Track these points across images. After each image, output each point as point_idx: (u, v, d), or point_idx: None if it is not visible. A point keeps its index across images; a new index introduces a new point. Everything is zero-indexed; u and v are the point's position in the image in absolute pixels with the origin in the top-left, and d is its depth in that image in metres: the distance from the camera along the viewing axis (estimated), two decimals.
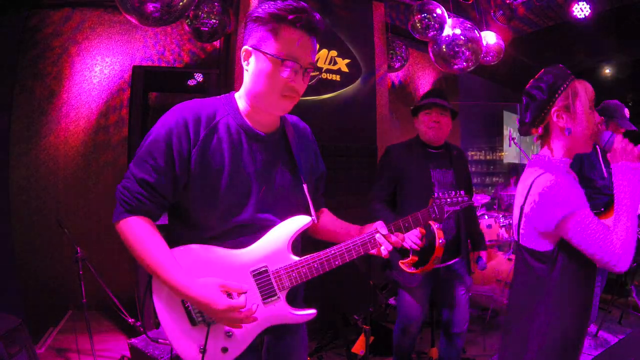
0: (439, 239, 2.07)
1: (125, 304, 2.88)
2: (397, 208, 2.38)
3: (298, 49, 1.11)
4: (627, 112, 2.49)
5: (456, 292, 2.41)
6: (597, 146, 2.35)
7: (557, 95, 1.31)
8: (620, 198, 1.23)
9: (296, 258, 1.19)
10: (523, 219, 1.34)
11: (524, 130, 1.42)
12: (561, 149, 1.34)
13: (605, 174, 2.46)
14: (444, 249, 2.07)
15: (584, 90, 1.31)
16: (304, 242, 1.35)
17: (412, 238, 1.82)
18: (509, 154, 7.43)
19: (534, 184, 1.29)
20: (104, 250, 3.64)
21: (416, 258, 2.09)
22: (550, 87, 1.32)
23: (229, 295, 1.09)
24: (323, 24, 1.15)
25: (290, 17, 1.09)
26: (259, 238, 1.17)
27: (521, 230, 1.36)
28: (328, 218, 1.44)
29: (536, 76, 1.38)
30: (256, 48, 1.12)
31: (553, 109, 1.32)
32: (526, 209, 1.32)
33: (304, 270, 1.17)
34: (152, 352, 2.20)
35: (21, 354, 2.14)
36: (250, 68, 1.14)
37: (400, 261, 2.16)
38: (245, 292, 1.10)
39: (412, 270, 2.18)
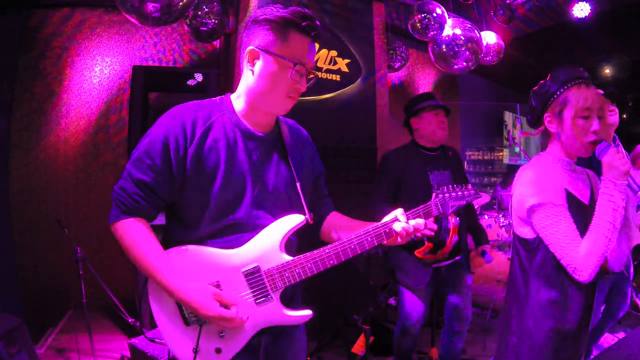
0: (454, 235, 2.21)
1: (125, 304, 2.88)
2: None
3: (306, 53, 1.16)
4: None
5: (458, 291, 2.42)
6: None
7: (549, 103, 1.39)
8: (600, 212, 1.25)
9: (289, 258, 1.17)
10: (512, 208, 1.43)
11: (530, 127, 1.52)
12: (557, 150, 1.41)
13: None
14: (452, 247, 2.21)
15: (576, 99, 1.32)
16: (303, 242, 1.34)
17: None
18: (509, 154, 7.44)
19: (518, 175, 1.41)
20: (104, 250, 3.64)
21: (431, 245, 2.20)
22: (544, 95, 1.40)
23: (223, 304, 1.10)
24: (322, 30, 1.20)
25: (304, 24, 1.13)
26: (253, 237, 1.17)
27: (513, 219, 1.44)
28: (338, 221, 1.40)
29: (546, 78, 1.44)
30: (265, 50, 1.13)
31: (545, 115, 1.41)
32: (512, 198, 1.41)
33: (297, 270, 1.16)
34: (152, 352, 2.21)
35: (21, 354, 2.14)
36: (257, 69, 1.15)
37: (417, 250, 2.22)
38: (236, 304, 1.11)
39: (429, 257, 2.25)
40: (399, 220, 1.19)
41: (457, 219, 2.25)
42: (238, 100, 1.21)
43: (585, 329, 1.37)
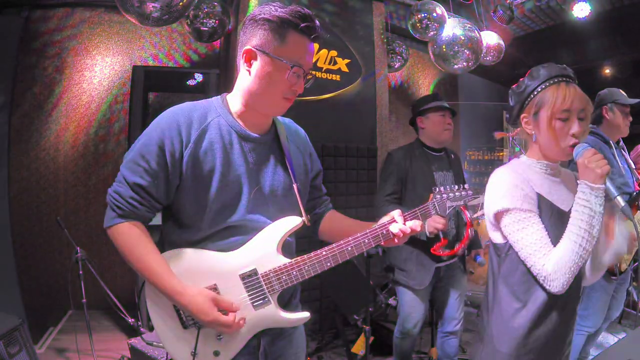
0: (469, 227, 2.29)
1: (125, 304, 2.88)
2: None
3: (304, 55, 1.14)
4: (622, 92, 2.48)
5: (454, 291, 2.44)
6: (612, 141, 2.34)
7: (525, 103, 1.30)
8: (574, 218, 1.16)
9: (286, 260, 1.16)
10: (485, 211, 1.35)
11: (510, 126, 1.44)
12: (536, 152, 1.32)
13: (624, 170, 2.39)
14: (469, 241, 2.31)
15: (554, 99, 1.22)
16: (303, 242, 1.34)
17: (435, 222, 2.07)
18: (509, 153, 7.42)
19: (490, 177, 1.32)
20: (104, 250, 3.64)
21: (446, 240, 2.25)
22: (520, 95, 1.31)
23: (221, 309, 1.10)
24: (322, 30, 1.17)
25: (302, 25, 1.10)
26: (250, 239, 1.16)
27: (486, 222, 1.36)
28: (336, 220, 1.40)
29: (525, 74, 1.35)
30: (262, 50, 1.12)
31: (522, 115, 1.32)
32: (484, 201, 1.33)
33: (294, 273, 1.15)
34: (152, 353, 2.21)
35: (21, 354, 2.14)
36: (254, 69, 1.13)
37: (432, 248, 2.26)
38: (235, 311, 1.10)
39: (446, 253, 2.30)
40: (396, 221, 1.18)
41: (473, 230, 2.35)
42: (234, 100, 1.20)
43: (558, 340, 1.28)
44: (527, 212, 1.21)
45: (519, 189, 1.23)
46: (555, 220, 1.23)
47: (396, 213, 1.20)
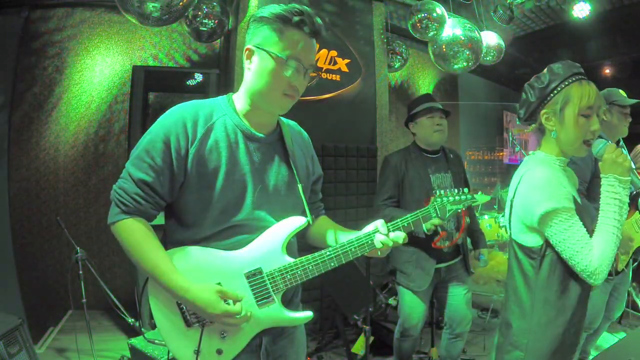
0: (461, 234, 2.35)
1: (125, 304, 2.88)
2: None
3: (301, 50, 1.15)
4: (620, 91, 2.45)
5: (457, 292, 2.43)
6: (611, 141, 2.34)
7: (547, 99, 1.31)
8: (606, 210, 1.22)
9: (291, 259, 1.18)
10: (513, 213, 1.35)
11: (521, 123, 1.45)
12: (553, 149, 1.34)
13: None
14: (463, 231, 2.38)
15: (579, 96, 1.26)
16: (300, 242, 1.34)
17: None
18: (509, 153, 7.43)
19: (524, 177, 1.31)
20: (104, 250, 3.65)
21: (445, 232, 2.30)
22: (542, 90, 1.32)
23: (226, 301, 1.10)
24: (324, 28, 1.20)
25: (296, 19, 1.13)
26: (255, 238, 1.17)
27: (512, 225, 1.37)
28: (328, 226, 1.41)
29: (542, 72, 1.37)
30: (260, 47, 1.14)
31: (542, 111, 1.33)
32: (515, 202, 1.33)
33: (299, 272, 1.16)
34: (152, 352, 2.21)
35: (21, 354, 2.14)
36: (253, 66, 1.16)
37: (433, 242, 2.28)
38: (241, 300, 1.11)
39: (446, 246, 2.34)
40: (380, 232, 1.21)
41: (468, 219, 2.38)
42: (240, 99, 1.21)
43: (580, 333, 1.34)
44: (570, 210, 1.22)
45: (562, 187, 1.24)
46: (578, 214, 1.26)
47: (379, 223, 1.22)
